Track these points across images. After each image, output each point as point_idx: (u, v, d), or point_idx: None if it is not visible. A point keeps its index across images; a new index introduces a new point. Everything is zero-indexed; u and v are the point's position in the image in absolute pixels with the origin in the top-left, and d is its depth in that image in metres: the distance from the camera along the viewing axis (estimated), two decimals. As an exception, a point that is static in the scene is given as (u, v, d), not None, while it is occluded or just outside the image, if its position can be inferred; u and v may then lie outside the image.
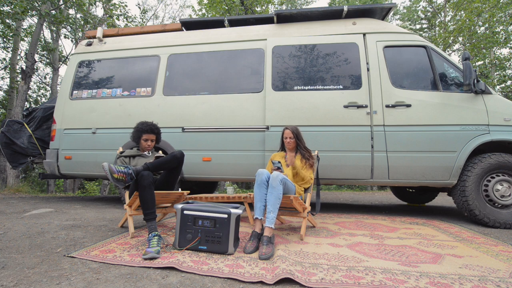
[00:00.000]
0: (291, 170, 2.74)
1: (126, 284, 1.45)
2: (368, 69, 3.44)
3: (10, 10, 7.38)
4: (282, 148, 2.97)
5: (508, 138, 3.05)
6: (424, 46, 3.41)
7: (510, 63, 14.28)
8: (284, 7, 16.57)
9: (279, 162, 2.43)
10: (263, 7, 11.31)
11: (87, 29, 11.22)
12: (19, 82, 8.70)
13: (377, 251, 2.04)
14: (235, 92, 3.70)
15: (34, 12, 8.66)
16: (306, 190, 2.75)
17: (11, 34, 9.60)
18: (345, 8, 3.64)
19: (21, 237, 2.25)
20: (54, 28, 12.98)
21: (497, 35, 11.95)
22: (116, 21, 11.40)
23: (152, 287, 1.43)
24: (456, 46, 13.98)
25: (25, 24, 12.38)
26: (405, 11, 18.26)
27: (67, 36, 13.12)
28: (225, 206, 2.08)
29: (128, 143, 3.69)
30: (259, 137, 3.52)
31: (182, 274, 1.59)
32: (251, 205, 3.18)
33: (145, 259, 1.77)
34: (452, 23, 13.05)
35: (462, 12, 11.90)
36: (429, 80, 3.35)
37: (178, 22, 4.35)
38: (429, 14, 16.51)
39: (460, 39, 12.55)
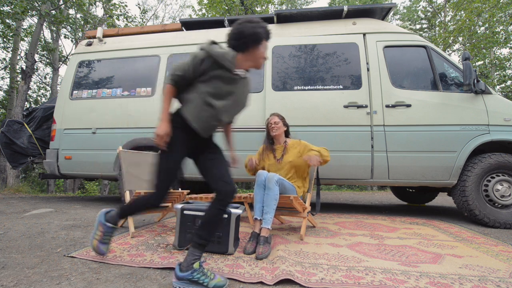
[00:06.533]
0: (288, 164, 2.58)
1: (126, 284, 1.45)
2: (368, 69, 3.44)
3: (10, 10, 7.38)
4: (268, 141, 2.76)
5: (508, 138, 3.05)
6: (424, 46, 3.41)
7: (510, 63, 14.30)
8: (284, 7, 16.58)
9: None
10: (263, 7, 11.31)
11: (87, 29, 11.23)
12: (19, 82, 8.71)
13: (377, 251, 2.04)
14: (235, 92, 3.69)
15: (34, 12, 8.67)
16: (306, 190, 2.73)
17: (11, 34, 9.60)
18: (345, 8, 3.63)
19: (21, 237, 2.25)
20: (54, 28, 12.99)
21: (497, 35, 11.95)
22: (116, 21, 11.40)
23: (152, 287, 1.43)
24: (456, 46, 13.99)
25: (25, 24, 12.39)
26: (405, 11, 18.27)
27: (67, 36, 13.14)
28: (225, 206, 2.07)
29: (128, 143, 3.69)
30: (259, 137, 3.51)
31: (182, 274, 1.59)
32: (251, 205, 3.17)
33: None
34: (452, 23, 13.04)
35: (462, 12, 11.90)
36: (429, 80, 3.35)
37: (178, 22, 4.35)
38: (429, 14, 16.51)
39: (460, 39, 12.55)
